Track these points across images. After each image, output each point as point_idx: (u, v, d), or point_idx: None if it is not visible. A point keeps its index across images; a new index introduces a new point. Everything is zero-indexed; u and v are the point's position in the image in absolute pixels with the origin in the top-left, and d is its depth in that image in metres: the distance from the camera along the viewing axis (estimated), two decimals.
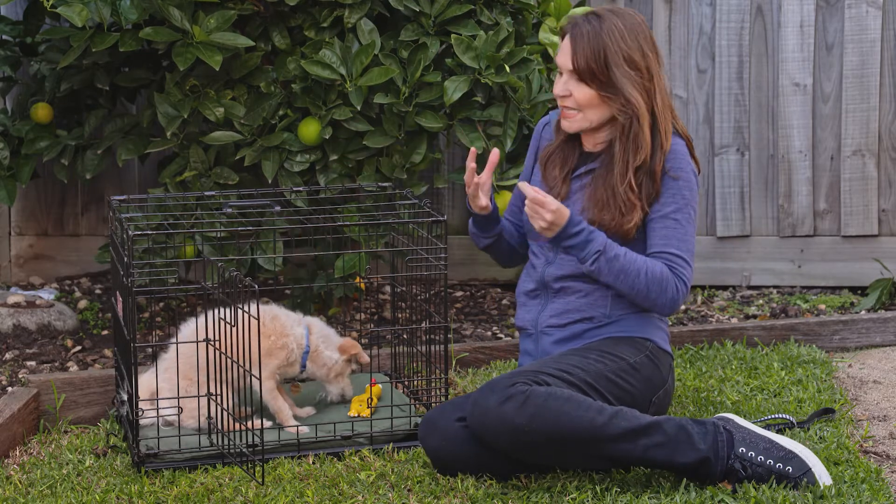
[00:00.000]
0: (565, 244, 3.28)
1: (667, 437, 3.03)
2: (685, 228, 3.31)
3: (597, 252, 3.26)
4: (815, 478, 3.03)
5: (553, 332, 3.40)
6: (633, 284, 3.27)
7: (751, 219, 5.02)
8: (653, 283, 3.27)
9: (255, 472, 3.17)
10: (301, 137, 4.07)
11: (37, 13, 4.38)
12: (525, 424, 3.00)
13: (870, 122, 4.94)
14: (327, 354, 3.52)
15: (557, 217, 3.23)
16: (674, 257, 3.29)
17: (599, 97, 3.29)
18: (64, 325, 4.33)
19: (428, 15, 4.10)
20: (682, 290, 3.29)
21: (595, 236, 3.27)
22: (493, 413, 3.03)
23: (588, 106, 3.31)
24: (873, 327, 4.42)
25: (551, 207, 3.21)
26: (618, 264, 3.26)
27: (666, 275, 3.27)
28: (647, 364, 3.32)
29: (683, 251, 3.30)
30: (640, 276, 3.26)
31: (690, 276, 3.31)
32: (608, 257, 3.26)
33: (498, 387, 3.06)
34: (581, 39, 3.27)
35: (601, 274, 3.28)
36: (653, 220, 3.32)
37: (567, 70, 3.30)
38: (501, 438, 3.04)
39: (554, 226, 3.24)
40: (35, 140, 4.35)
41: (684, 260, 3.30)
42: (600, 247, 3.26)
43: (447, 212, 5.00)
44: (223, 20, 3.93)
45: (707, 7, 4.92)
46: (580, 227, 3.26)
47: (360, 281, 4.17)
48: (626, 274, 3.27)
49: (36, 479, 3.23)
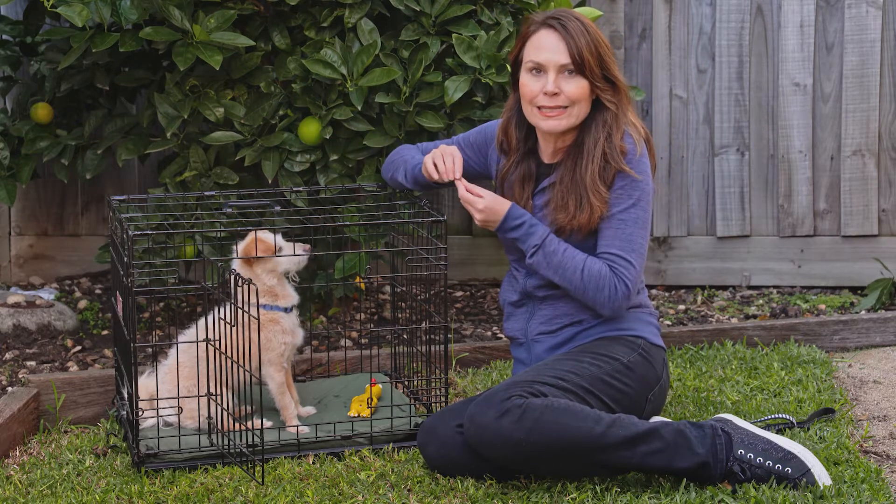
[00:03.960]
0: (508, 237, 3.34)
1: (665, 443, 3.03)
2: (631, 229, 3.29)
3: (535, 246, 3.29)
4: (814, 478, 3.03)
5: (544, 339, 3.40)
6: (571, 280, 3.28)
7: (751, 219, 5.02)
8: (589, 281, 3.27)
9: (255, 472, 3.17)
10: (301, 137, 4.07)
11: (37, 13, 4.38)
12: (523, 439, 2.99)
13: (870, 122, 4.94)
14: (260, 282, 3.42)
15: (490, 214, 3.31)
16: (615, 257, 3.28)
17: (591, 90, 3.29)
18: (64, 325, 4.33)
19: (428, 15, 4.10)
20: (621, 290, 3.27)
21: (535, 230, 3.30)
22: (490, 428, 3.02)
23: (579, 100, 3.30)
24: (873, 327, 4.42)
25: (479, 206, 3.31)
26: (556, 259, 3.28)
27: (604, 273, 3.27)
28: (641, 362, 3.32)
29: (627, 251, 3.28)
30: (576, 272, 3.27)
31: (633, 277, 3.28)
32: (546, 251, 3.28)
33: (494, 400, 3.05)
34: (572, 37, 3.27)
35: (540, 267, 3.31)
36: (602, 221, 3.31)
37: (559, 66, 3.28)
38: (500, 453, 3.04)
39: (489, 222, 3.33)
40: (35, 140, 4.35)
41: (626, 260, 3.28)
42: (538, 241, 3.29)
43: (447, 212, 5.00)
44: (223, 20, 3.93)
45: (707, 7, 4.92)
46: (520, 221, 3.31)
47: (360, 281, 4.17)
48: (564, 269, 3.28)
49: (36, 479, 3.23)
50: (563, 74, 3.29)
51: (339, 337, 4.30)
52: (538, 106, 3.31)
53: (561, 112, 3.31)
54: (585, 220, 3.28)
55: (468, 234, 5.07)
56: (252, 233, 3.42)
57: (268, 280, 3.42)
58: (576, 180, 3.30)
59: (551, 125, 3.33)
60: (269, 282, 3.42)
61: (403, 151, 3.67)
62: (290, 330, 3.46)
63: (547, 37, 3.29)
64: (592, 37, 3.28)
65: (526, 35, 3.34)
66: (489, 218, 3.32)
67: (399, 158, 3.65)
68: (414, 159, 3.59)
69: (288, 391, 3.47)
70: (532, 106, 3.33)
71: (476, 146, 3.59)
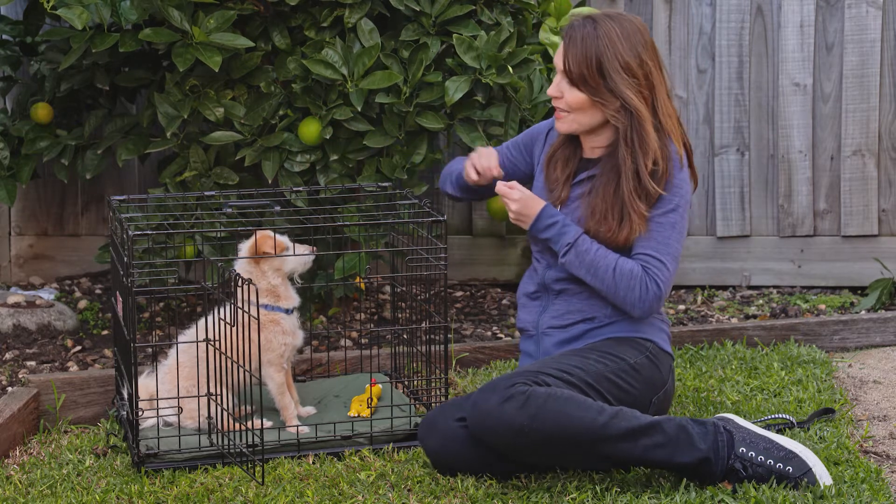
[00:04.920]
0: (541, 236, 3.33)
1: (667, 437, 3.04)
2: (668, 232, 3.28)
3: (568, 244, 3.29)
4: (815, 478, 3.03)
5: (554, 333, 3.40)
6: (603, 279, 3.27)
7: (751, 219, 5.02)
8: (621, 280, 3.26)
9: (255, 472, 3.18)
10: (301, 137, 4.07)
11: (37, 13, 4.38)
12: (526, 425, 3.00)
13: (870, 122, 4.94)
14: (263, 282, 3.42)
15: (524, 206, 3.30)
16: (649, 258, 3.27)
17: (591, 101, 3.28)
18: (64, 325, 4.33)
19: (428, 15, 4.10)
20: (653, 290, 3.26)
21: (568, 230, 3.29)
22: (493, 414, 3.03)
23: (578, 109, 3.31)
24: (873, 327, 4.42)
25: (514, 196, 3.30)
26: (588, 258, 3.27)
27: (636, 273, 3.26)
28: (648, 365, 3.32)
29: (662, 253, 3.27)
30: (608, 271, 3.26)
31: (667, 279, 3.27)
32: (579, 250, 3.28)
33: (498, 387, 3.06)
34: (574, 44, 3.25)
35: (573, 267, 3.30)
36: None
37: (560, 70, 3.31)
38: (502, 439, 3.04)
39: (523, 216, 3.32)
40: (35, 140, 4.35)
41: (660, 261, 3.27)
42: (571, 239, 3.28)
43: (447, 212, 5.00)
44: (223, 20, 3.93)
45: (707, 7, 4.92)
46: (554, 220, 3.30)
47: (360, 281, 4.17)
48: (597, 268, 3.27)
49: (36, 479, 3.23)
50: (566, 81, 3.30)
51: (339, 337, 4.30)
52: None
53: (564, 115, 3.34)
54: (625, 237, 3.28)
55: (468, 234, 5.07)
56: (261, 232, 3.42)
57: (273, 279, 3.42)
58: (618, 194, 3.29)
59: (557, 125, 3.38)
60: (274, 281, 3.42)
61: (453, 164, 3.70)
62: (290, 331, 3.46)
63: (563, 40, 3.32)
64: (598, 51, 3.23)
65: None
66: (524, 211, 3.30)
67: (447, 172, 3.70)
68: (458, 168, 3.63)
69: (288, 392, 3.47)
70: None
71: (523, 145, 3.61)
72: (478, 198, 3.69)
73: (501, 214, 4.27)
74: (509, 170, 3.58)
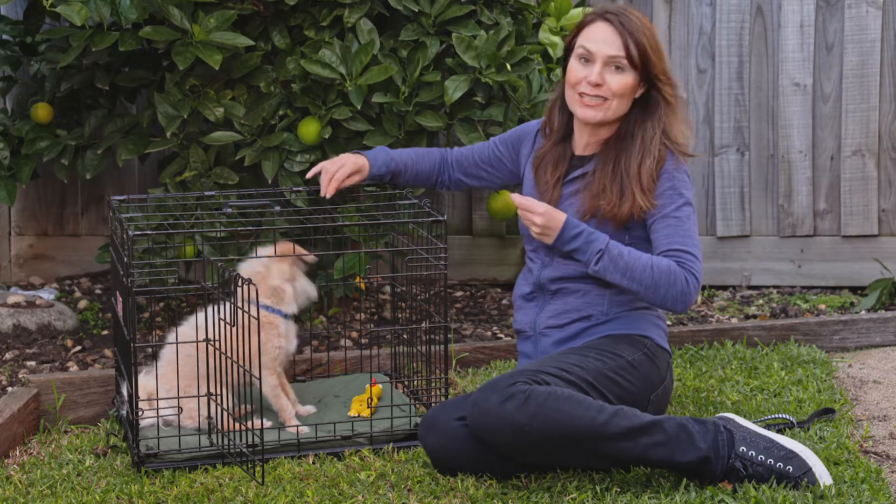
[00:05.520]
0: (567, 248, 3.28)
1: (667, 436, 3.04)
2: (686, 225, 3.31)
3: (599, 252, 3.26)
4: (815, 477, 3.03)
5: (552, 332, 3.41)
6: (641, 280, 3.26)
7: (751, 219, 5.02)
8: (661, 277, 3.25)
9: (255, 472, 3.17)
10: (301, 137, 4.07)
11: (37, 13, 4.38)
12: (525, 424, 3.00)
13: (870, 122, 4.94)
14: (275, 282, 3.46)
15: (549, 220, 3.26)
16: (680, 252, 3.28)
17: (636, 86, 3.34)
18: (64, 325, 4.32)
19: (428, 15, 4.10)
20: (692, 283, 3.26)
21: (596, 237, 3.27)
22: (493, 413, 3.03)
23: (621, 95, 3.33)
24: (873, 327, 4.42)
25: (539, 210, 3.25)
26: (622, 262, 3.26)
27: (674, 269, 3.26)
28: (646, 362, 3.32)
29: (689, 246, 3.29)
30: (646, 271, 3.25)
31: (700, 270, 3.29)
32: (612, 255, 3.26)
33: (498, 386, 3.06)
34: (627, 30, 3.31)
35: (607, 273, 3.27)
36: (655, 222, 3.32)
37: (608, 57, 3.31)
38: (502, 438, 3.04)
39: (548, 230, 3.27)
40: (35, 140, 4.35)
41: (691, 254, 3.28)
42: (602, 245, 3.26)
43: (447, 212, 5.00)
44: (223, 20, 3.93)
45: (707, 7, 4.92)
46: (579, 230, 3.27)
47: (360, 281, 4.17)
48: (633, 270, 3.26)
49: (36, 479, 3.23)
50: (610, 68, 3.32)
51: (339, 337, 4.30)
52: (580, 93, 3.35)
53: (600, 104, 3.34)
54: (626, 211, 3.29)
55: (468, 234, 5.07)
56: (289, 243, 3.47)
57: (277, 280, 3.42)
58: (619, 170, 3.33)
59: (588, 115, 3.36)
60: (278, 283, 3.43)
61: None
62: (285, 335, 3.47)
63: (602, 29, 3.33)
64: (652, 34, 3.34)
65: (583, 24, 3.39)
66: (549, 224, 3.26)
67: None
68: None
69: (283, 394, 3.47)
70: (574, 91, 3.37)
71: (511, 143, 3.64)
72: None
73: (501, 214, 4.27)
74: (494, 165, 3.63)
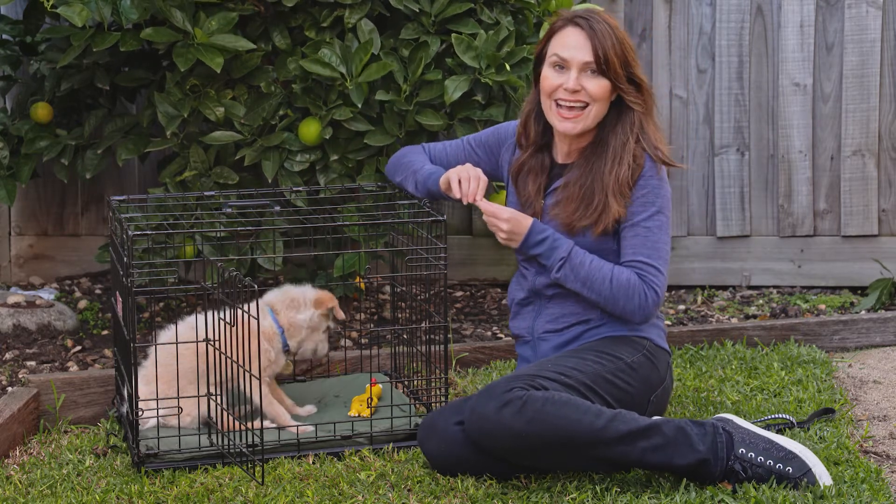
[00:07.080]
0: (531, 252, 3.31)
1: (665, 440, 3.03)
2: (657, 236, 3.29)
3: (561, 259, 3.27)
4: (815, 478, 3.03)
5: (550, 337, 3.40)
6: (600, 291, 3.27)
7: (751, 219, 5.02)
8: (619, 290, 3.26)
9: (255, 472, 3.17)
10: (301, 137, 4.07)
11: (37, 12, 4.38)
12: (523, 429, 2.99)
13: (870, 122, 4.94)
14: (301, 317, 3.49)
15: (515, 225, 3.28)
16: (643, 265, 3.27)
17: (613, 90, 3.31)
18: (64, 325, 4.32)
19: (428, 14, 4.10)
20: (651, 297, 3.27)
21: (560, 243, 3.28)
22: (491, 419, 3.02)
23: (599, 99, 3.31)
24: (873, 327, 4.42)
25: (504, 216, 3.27)
26: (583, 271, 3.26)
27: (633, 282, 3.26)
28: (645, 363, 3.32)
29: (654, 259, 3.28)
30: (605, 282, 3.26)
31: (662, 284, 3.28)
32: (573, 264, 3.27)
33: (495, 392, 3.05)
34: (598, 35, 3.28)
35: (567, 281, 3.29)
36: (625, 230, 3.31)
37: (583, 63, 3.29)
38: (500, 444, 3.04)
39: (514, 234, 3.29)
40: (35, 140, 4.35)
41: (655, 268, 3.27)
42: (565, 253, 3.27)
43: (447, 212, 5.00)
44: (224, 22, 3.93)
45: (707, 7, 4.92)
46: (544, 235, 3.28)
47: (360, 281, 4.17)
48: (592, 281, 3.27)
49: (36, 479, 3.23)
50: (586, 73, 3.30)
51: (339, 337, 4.30)
52: (556, 101, 3.33)
53: (578, 114, 3.32)
54: (605, 220, 3.28)
55: (468, 234, 5.07)
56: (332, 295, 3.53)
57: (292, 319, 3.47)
58: (595, 178, 3.31)
59: (567, 127, 3.34)
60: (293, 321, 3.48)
61: (411, 156, 3.66)
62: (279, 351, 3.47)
63: (573, 34, 3.31)
64: (618, 39, 3.29)
65: (552, 31, 3.37)
66: (514, 229, 3.28)
67: (406, 164, 3.64)
68: (424, 169, 3.57)
69: (275, 400, 3.46)
70: (550, 101, 3.35)
71: (488, 146, 3.60)
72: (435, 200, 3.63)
73: None
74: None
